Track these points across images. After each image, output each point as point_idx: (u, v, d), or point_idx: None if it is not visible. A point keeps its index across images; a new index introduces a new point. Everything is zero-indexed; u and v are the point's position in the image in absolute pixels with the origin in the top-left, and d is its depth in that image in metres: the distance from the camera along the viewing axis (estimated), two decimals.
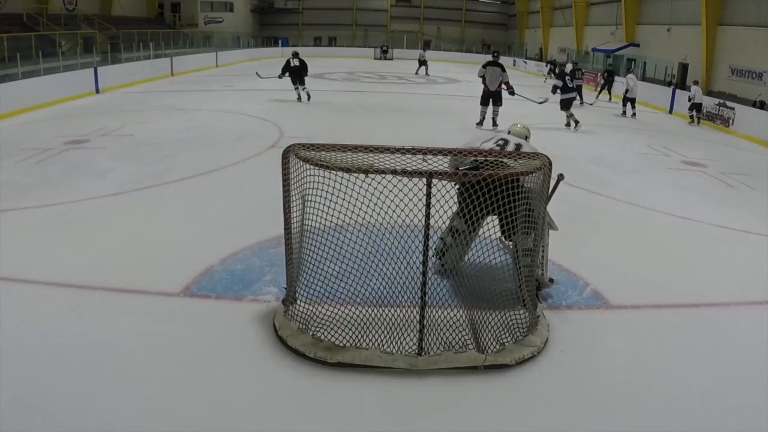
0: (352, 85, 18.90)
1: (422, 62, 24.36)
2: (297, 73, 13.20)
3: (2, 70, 12.77)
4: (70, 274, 4.12)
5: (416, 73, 23.91)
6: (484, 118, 11.14)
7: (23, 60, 13.20)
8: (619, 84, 16.93)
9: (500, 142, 4.20)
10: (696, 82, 14.62)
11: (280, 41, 36.49)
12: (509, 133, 4.56)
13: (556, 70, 16.35)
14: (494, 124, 11.12)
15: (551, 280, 4.02)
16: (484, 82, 11.03)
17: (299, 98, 13.51)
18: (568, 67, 16.89)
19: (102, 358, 3.13)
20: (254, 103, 13.36)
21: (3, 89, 11.08)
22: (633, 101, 14.38)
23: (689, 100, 14.10)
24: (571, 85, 12.44)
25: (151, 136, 9.22)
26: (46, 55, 14.18)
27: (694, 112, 13.95)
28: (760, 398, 3.05)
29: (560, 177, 3.89)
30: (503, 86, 10.99)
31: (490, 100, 11.04)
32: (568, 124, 11.95)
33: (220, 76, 20.58)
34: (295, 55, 13.29)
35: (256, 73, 15.21)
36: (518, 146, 4.17)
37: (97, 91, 14.62)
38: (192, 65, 21.92)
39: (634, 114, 14.33)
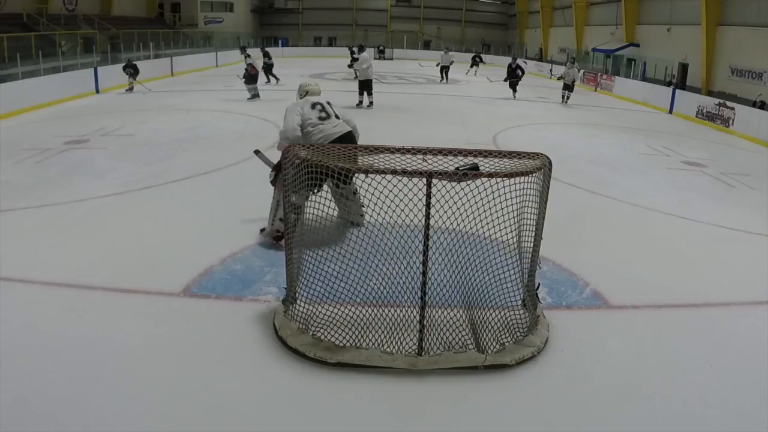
0: (352, 85, 18.88)
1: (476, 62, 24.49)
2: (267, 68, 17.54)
3: (2, 70, 12.78)
4: (70, 274, 4.12)
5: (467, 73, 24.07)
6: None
7: (23, 60, 13.21)
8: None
9: (322, 109, 4.78)
10: (573, 61, 17.82)
11: (280, 41, 36.48)
12: (307, 93, 5.00)
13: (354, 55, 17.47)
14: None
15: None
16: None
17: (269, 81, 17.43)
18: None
19: (102, 358, 3.13)
20: (254, 103, 13.37)
21: (3, 89, 11.09)
22: (569, 87, 16.16)
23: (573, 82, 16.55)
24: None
25: (151, 136, 9.22)
26: (46, 55, 14.19)
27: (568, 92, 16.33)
28: (760, 398, 3.05)
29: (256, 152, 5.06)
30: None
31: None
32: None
33: (220, 76, 20.57)
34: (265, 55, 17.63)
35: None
36: (329, 103, 4.83)
37: (97, 91, 14.62)
38: (192, 65, 21.92)
39: (568, 97, 16.17)
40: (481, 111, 13.81)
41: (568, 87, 16.04)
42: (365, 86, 13.16)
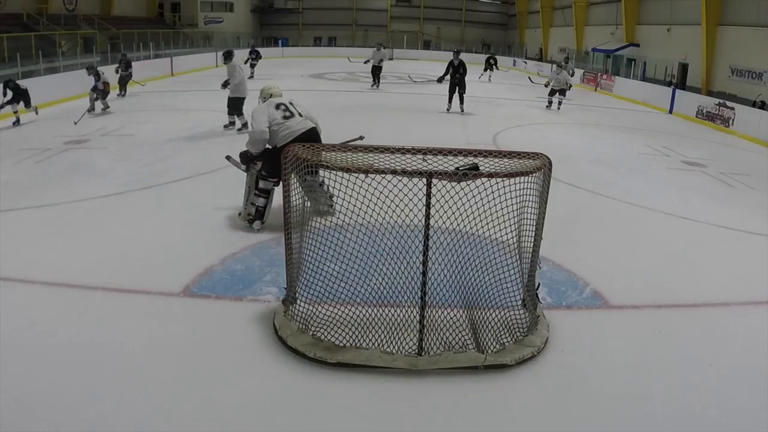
0: (351, 85, 18.91)
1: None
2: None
3: (2, 70, 12.76)
4: (70, 274, 4.12)
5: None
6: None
7: (23, 60, 13.20)
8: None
9: (286, 109, 5.14)
10: (567, 61, 16.76)
11: (280, 41, 36.49)
12: (271, 96, 5.37)
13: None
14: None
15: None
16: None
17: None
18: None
19: (102, 358, 3.13)
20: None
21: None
22: (559, 92, 14.77)
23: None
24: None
25: (151, 136, 9.22)
26: (46, 55, 14.18)
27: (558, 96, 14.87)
28: (760, 398, 3.05)
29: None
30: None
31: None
32: None
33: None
34: None
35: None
36: (291, 103, 5.20)
37: None
38: (192, 65, 21.90)
39: (560, 103, 14.82)
40: (481, 111, 13.81)
41: (561, 91, 14.66)
42: (236, 106, 9.83)
